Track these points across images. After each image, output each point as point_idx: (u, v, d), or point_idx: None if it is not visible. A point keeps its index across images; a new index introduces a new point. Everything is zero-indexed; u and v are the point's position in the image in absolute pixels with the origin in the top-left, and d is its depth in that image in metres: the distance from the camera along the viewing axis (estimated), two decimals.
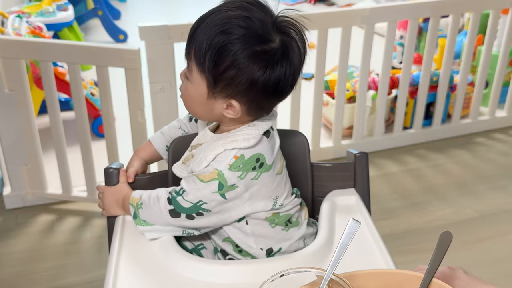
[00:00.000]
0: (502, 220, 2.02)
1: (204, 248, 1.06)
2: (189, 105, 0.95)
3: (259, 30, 0.86)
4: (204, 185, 0.91)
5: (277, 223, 0.98)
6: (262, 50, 0.86)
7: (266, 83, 0.87)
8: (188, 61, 0.91)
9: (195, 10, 5.39)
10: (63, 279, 1.73)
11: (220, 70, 0.86)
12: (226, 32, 0.85)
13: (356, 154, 1.10)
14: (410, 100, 2.50)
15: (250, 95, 0.88)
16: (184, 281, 0.86)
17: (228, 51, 0.85)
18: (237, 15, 0.86)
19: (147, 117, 1.92)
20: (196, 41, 0.87)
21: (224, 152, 0.91)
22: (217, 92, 0.89)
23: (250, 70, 0.86)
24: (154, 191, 0.98)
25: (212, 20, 0.87)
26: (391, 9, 2.22)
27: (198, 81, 0.90)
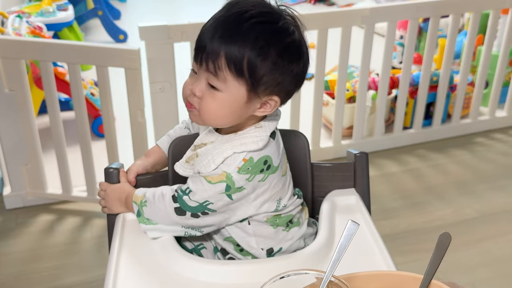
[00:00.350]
0: (502, 220, 2.02)
1: (204, 248, 1.06)
2: (219, 116, 0.90)
3: (281, 23, 0.88)
4: (211, 186, 0.91)
5: (278, 224, 0.98)
6: (293, 42, 0.88)
7: (301, 73, 0.91)
8: (214, 71, 0.86)
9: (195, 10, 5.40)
10: (63, 279, 1.73)
11: (262, 71, 0.86)
12: (255, 33, 0.85)
13: (356, 154, 1.10)
14: (410, 100, 2.50)
15: (290, 87, 0.91)
16: (184, 281, 0.86)
17: (266, 53, 0.86)
18: (255, 14, 0.86)
19: (147, 117, 1.92)
20: (223, 50, 0.85)
21: (233, 155, 0.91)
22: (261, 92, 0.89)
23: (290, 64, 0.88)
24: (158, 189, 0.97)
25: (230, 25, 0.86)
26: (391, 9, 2.22)
27: (234, 87, 0.87)
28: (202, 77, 0.89)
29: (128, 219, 1.01)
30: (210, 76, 0.88)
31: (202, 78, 0.89)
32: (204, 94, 0.89)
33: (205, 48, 0.86)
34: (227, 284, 0.86)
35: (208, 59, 0.86)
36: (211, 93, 0.89)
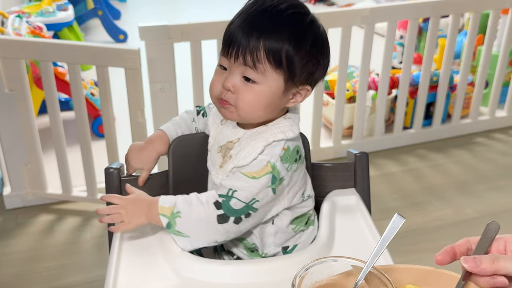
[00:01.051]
0: (502, 220, 2.01)
1: (204, 248, 1.06)
2: (257, 108, 0.90)
3: (311, 15, 0.91)
4: (256, 181, 0.89)
5: (299, 226, 0.99)
6: (321, 34, 0.93)
7: (327, 64, 0.95)
8: (252, 64, 0.87)
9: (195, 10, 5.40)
10: (63, 279, 1.73)
11: (298, 62, 0.89)
12: (292, 24, 0.87)
13: (356, 154, 1.10)
14: (410, 100, 2.50)
15: (319, 77, 0.95)
16: (184, 281, 0.86)
17: (302, 43, 0.88)
18: (288, 6, 0.88)
19: (147, 117, 1.92)
20: (262, 42, 0.86)
21: (272, 144, 0.91)
22: (297, 81, 0.91)
23: (320, 55, 0.92)
24: (191, 197, 0.90)
25: (267, 17, 0.87)
26: (391, 9, 2.22)
27: (272, 78, 0.88)
28: (236, 71, 0.89)
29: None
30: (247, 70, 0.88)
31: (236, 72, 0.89)
32: (239, 88, 0.89)
33: (241, 42, 0.87)
34: (227, 284, 0.86)
35: (246, 53, 0.87)
36: (247, 86, 0.89)
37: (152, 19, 1.99)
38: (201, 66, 1.94)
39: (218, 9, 4.54)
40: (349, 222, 1.02)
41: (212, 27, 1.93)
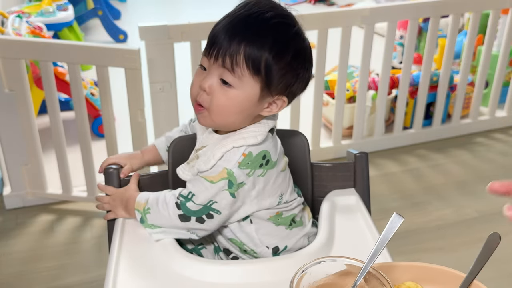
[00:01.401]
0: (502, 220, 2.01)
1: (204, 248, 1.06)
2: (230, 113, 0.90)
3: (297, 27, 0.90)
4: (214, 185, 0.91)
5: (280, 223, 0.98)
6: (306, 47, 0.92)
7: (308, 78, 0.94)
8: (231, 67, 0.87)
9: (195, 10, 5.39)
10: (63, 279, 1.73)
11: (277, 72, 0.88)
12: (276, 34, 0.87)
13: (356, 154, 1.10)
14: (410, 100, 2.50)
15: (297, 91, 0.94)
16: (184, 281, 0.86)
17: (284, 54, 0.88)
18: (275, 15, 0.88)
19: (147, 117, 1.92)
20: (243, 46, 0.86)
21: (232, 150, 0.91)
22: (273, 91, 0.90)
23: (301, 68, 0.91)
24: (160, 195, 0.96)
25: (251, 23, 0.87)
26: (391, 9, 2.22)
27: (248, 84, 0.88)
28: (214, 72, 0.89)
29: (128, 219, 1.01)
30: (225, 72, 0.88)
31: (214, 73, 0.89)
32: (214, 90, 0.89)
33: (222, 43, 0.87)
34: (227, 284, 0.86)
35: (226, 55, 0.87)
36: (223, 89, 0.89)
37: (152, 19, 1.99)
38: None
39: (218, 9, 4.52)
40: (349, 222, 1.02)
41: (212, 27, 1.92)
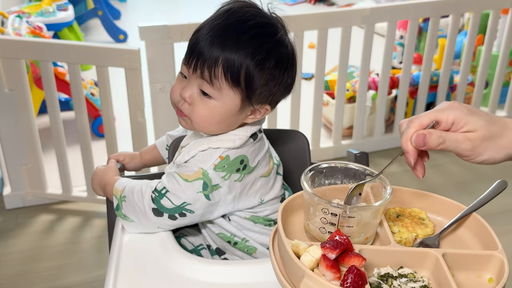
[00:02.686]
0: (502, 220, 2.02)
1: (204, 249, 1.06)
2: (211, 123, 0.89)
3: (279, 35, 0.88)
4: (188, 184, 0.90)
5: (258, 222, 0.98)
6: (288, 54, 0.89)
7: (292, 82, 0.92)
8: (209, 79, 0.85)
9: (195, 10, 5.37)
10: (63, 279, 1.74)
11: (258, 83, 0.87)
12: (255, 45, 0.85)
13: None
14: (410, 100, 2.50)
15: (281, 97, 0.92)
16: (184, 281, 0.86)
17: (264, 65, 0.86)
18: (255, 24, 0.86)
19: (147, 117, 1.92)
20: (221, 59, 0.84)
21: (208, 150, 0.91)
22: (255, 101, 0.89)
23: (283, 75, 0.89)
24: (138, 184, 0.93)
25: (230, 34, 0.85)
26: (391, 9, 2.22)
27: (228, 96, 0.87)
28: (194, 82, 0.88)
29: None
30: (204, 84, 0.87)
31: (194, 84, 0.88)
32: (195, 100, 0.88)
33: (201, 55, 0.85)
34: (227, 284, 0.86)
35: (204, 66, 0.85)
36: (203, 100, 0.88)
37: (152, 19, 1.99)
38: None
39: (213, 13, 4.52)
40: None
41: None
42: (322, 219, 0.73)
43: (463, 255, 0.72)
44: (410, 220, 0.81)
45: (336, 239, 0.68)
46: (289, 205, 0.79)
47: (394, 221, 0.80)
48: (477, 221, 0.79)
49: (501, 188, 0.83)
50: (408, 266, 0.71)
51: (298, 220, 0.80)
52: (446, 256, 0.70)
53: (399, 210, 0.83)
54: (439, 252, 0.70)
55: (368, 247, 0.72)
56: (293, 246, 0.69)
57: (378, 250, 0.72)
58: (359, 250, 0.70)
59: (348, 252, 0.67)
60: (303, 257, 0.67)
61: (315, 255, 0.66)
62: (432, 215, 0.83)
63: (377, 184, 0.78)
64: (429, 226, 0.80)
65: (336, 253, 0.66)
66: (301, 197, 0.80)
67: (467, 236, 0.80)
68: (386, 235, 0.75)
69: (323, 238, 0.74)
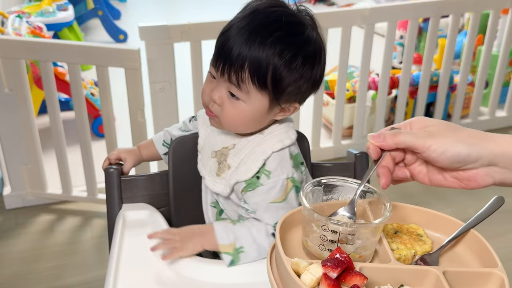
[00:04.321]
0: (502, 220, 2.01)
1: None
2: (240, 124, 0.90)
3: (306, 33, 0.87)
4: (287, 200, 0.91)
5: None
6: (315, 50, 0.89)
7: (321, 76, 0.92)
8: (237, 83, 0.85)
9: (195, 10, 5.37)
10: (63, 279, 1.73)
11: (286, 84, 0.87)
12: (281, 47, 0.84)
13: (356, 154, 1.10)
14: (410, 100, 2.50)
15: (309, 93, 0.93)
16: (184, 281, 0.86)
17: (291, 65, 0.85)
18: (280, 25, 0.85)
19: (147, 117, 1.92)
20: (247, 63, 0.84)
21: (272, 156, 0.91)
22: (283, 101, 0.89)
23: (311, 72, 0.88)
24: (246, 230, 0.91)
25: (255, 36, 0.84)
26: (391, 9, 2.22)
27: (257, 99, 0.87)
28: (222, 85, 0.88)
29: (128, 219, 1.01)
30: (232, 87, 0.87)
31: (222, 86, 0.88)
32: (224, 102, 0.89)
33: (227, 59, 0.85)
34: (227, 284, 0.86)
35: (231, 71, 0.85)
36: (232, 102, 0.88)
37: (152, 19, 1.99)
38: (201, 66, 1.94)
39: (218, 9, 4.54)
40: None
41: (212, 27, 1.92)
42: (322, 236, 0.72)
43: (463, 272, 0.72)
44: (408, 236, 0.80)
45: (337, 257, 0.66)
46: (287, 221, 0.77)
47: (392, 237, 0.79)
48: (475, 238, 0.79)
49: (498, 204, 0.82)
50: (409, 284, 0.70)
51: (296, 235, 0.79)
52: (446, 274, 0.70)
53: (396, 226, 0.82)
54: (439, 270, 0.70)
55: (368, 265, 0.71)
56: (293, 264, 0.67)
57: (378, 268, 0.71)
58: (359, 268, 0.69)
59: (349, 270, 0.66)
60: (304, 276, 0.65)
61: (316, 274, 0.65)
62: (429, 231, 0.83)
63: (376, 200, 0.77)
64: (427, 242, 0.79)
65: (338, 271, 0.64)
66: (299, 212, 0.78)
67: (466, 253, 0.79)
68: (386, 252, 0.74)
69: (321, 255, 0.72)
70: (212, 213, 1.04)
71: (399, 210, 0.84)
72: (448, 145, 0.66)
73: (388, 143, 0.69)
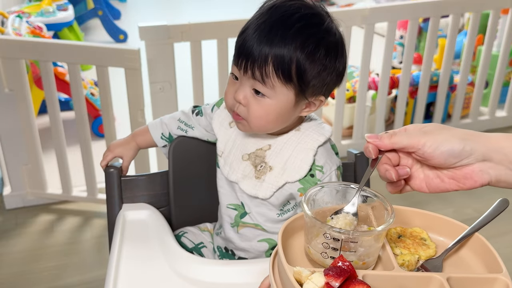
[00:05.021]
0: (502, 220, 2.01)
1: (204, 247, 1.06)
2: (268, 121, 0.90)
3: (325, 24, 0.87)
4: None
5: None
6: (337, 41, 0.89)
7: (344, 69, 0.91)
8: (261, 79, 0.85)
9: (195, 10, 5.37)
10: (63, 279, 1.73)
11: (310, 75, 0.86)
12: (303, 38, 0.84)
13: (356, 154, 1.10)
14: (410, 100, 2.50)
15: (334, 85, 0.92)
16: (184, 281, 0.86)
17: (315, 56, 0.85)
18: (300, 17, 0.85)
19: (147, 117, 1.92)
20: (271, 57, 0.84)
21: (319, 150, 0.93)
22: (309, 94, 0.89)
23: (335, 63, 0.88)
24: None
25: (276, 30, 0.84)
26: (391, 9, 2.22)
27: (282, 93, 0.87)
28: (246, 83, 0.88)
29: (128, 219, 1.01)
30: (257, 83, 0.86)
31: (246, 85, 0.88)
32: (249, 101, 0.88)
33: (250, 55, 0.85)
34: (227, 284, 0.86)
35: (255, 67, 0.85)
36: (257, 99, 0.88)
37: (152, 19, 1.99)
38: (201, 66, 1.94)
39: (218, 9, 4.54)
40: None
41: (212, 27, 1.93)
42: (324, 244, 0.71)
43: (468, 278, 0.71)
44: (412, 240, 0.79)
45: (339, 266, 0.65)
46: (289, 227, 0.76)
47: (396, 242, 0.79)
48: (480, 242, 0.77)
49: (503, 207, 0.82)
50: None
51: (298, 242, 0.78)
52: (450, 280, 0.69)
53: (400, 230, 0.82)
54: (443, 276, 0.69)
55: (371, 273, 0.70)
56: (295, 273, 0.66)
57: (381, 276, 0.70)
58: (362, 276, 0.68)
59: (352, 279, 0.65)
60: (306, 285, 0.64)
61: (318, 283, 0.64)
62: (433, 235, 0.82)
63: (378, 205, 0.77)
64: (431, 247, 0.78)
65: (340, 281, 0.63)
66: (301, 218, 0.77)
67: (470, 258, 0.78)
68: (389, 259, 0.73)
69: (324, 262, 0.72)
70: (230, 215, 1.02)
71: (402, 214, 0.84)
72: (442, 141, 0.67)
73: (384, 143, 0.70)
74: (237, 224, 1.00)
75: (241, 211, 1.00)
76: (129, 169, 1.11)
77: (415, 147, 0.68)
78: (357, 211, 0.74)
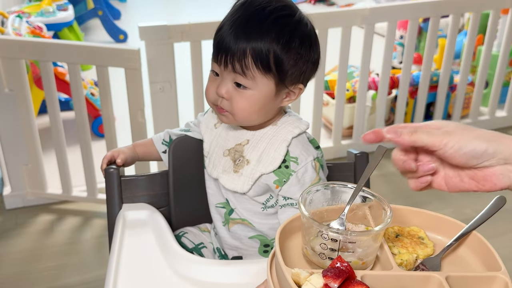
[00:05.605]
0: (501, 220, 2.01)
1: (204, 248, 1.06)
2: (252, 112, 0.92)
3: (297, 15, 0.91)
4: (323, 181, 0.94)
5: None
6: (310, 31, 0.92)
7: (318, 59, 0.95)
8: (241, 71, 0.89)
9: (195, 10, 5.36)
10: (63, 279, 1.73)
11: (288, 65, 0.89)
12: (277, 29, 0.87)
13: (357, 154, 1.10)
14: (410, 100, 2.50)
15: (311, 74, 0.96)
16: (184, 281, 0.86)
17: (290, 46, 0.88)
18: (273, 9, 0.88)
19: (147, 117, 1.92)
20: (249, 49, 0.87)
21: (293, 141, 0.94)
22: (288, 83, 0.92)
23: (310, 52, 0.92)
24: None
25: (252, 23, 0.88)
26: (391, 9, 2.22)
27: (263, 83, 0.90)
28: (227, 78, 0.91)
29: (128, 219, 1.01)
30: (238, 76, 0.89)
31: (228, 79, 0.91)
32: (232, 95, 0.91)
33: (229, 50, 0.88)
34: (227, 284, 0.86)
35: (234, 60, 0.88)
36: (239, 92, 0.91)
37: (152, 19, 1.99)
38: (201, 66, 1.94)
39: (218, 9, 4.53)
40: None
41: (212, 27, 1.90)
42: (322, 245, 0.71)
43: (467, 277, 0.71)
44: (410, 239, 0.80)
45: (337, 267, 0.65)
46: (286, 229, 0.76)
47: (394, 241, 0.79)
48: (478, 240, 0.78)
49: (500, 204, 0.82)
50: None
51: (296, 243, 0.78)
52: (449, 279, 0.69)
53: (397, 230, 0.82)
54: (442, 275, 0.69)
55: (369, 273, 0.70)
56: (293, 275, 0.66)
57: (380, 276, 0.70)
58: (361, 276, 0.68)
59: (351, 280, 0.65)
60: (304, 287, 0.64)
61: (317, 285, 0.64)
62: (431, 233, 0.82)
63: (376, 204, 0.76)
64: (429, 245, 0.79)
65: (339, 282, 0.63)
66: (298, 219, 0.77)
67: (468, 256, 0.78)
68: (387, 258, 0.73)
69: (322, 263, 0.72)
70: (220, 214, 1.04)
71: (399, 213, 0.84)
72: (465, 141, 0.66)
73: (404, 139, 0.68)
74: (227, 221, 1.03)
75: (229, 208, 1.02)
76: (129, 169, 1.12)
77: (437, 146, 0.67)
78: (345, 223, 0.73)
